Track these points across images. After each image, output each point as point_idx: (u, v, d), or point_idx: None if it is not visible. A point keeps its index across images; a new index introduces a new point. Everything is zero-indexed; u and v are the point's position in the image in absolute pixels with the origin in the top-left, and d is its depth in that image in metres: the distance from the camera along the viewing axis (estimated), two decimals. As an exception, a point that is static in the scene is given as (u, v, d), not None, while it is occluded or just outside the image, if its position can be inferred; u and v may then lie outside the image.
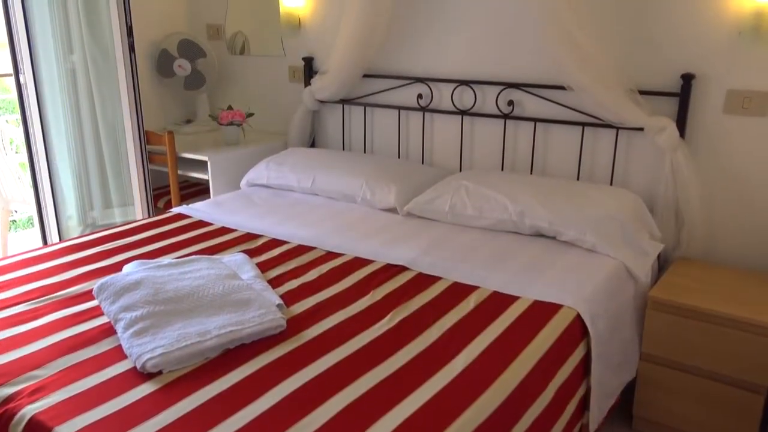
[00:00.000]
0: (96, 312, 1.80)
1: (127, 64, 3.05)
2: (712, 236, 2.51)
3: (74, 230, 3.37)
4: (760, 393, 2.06)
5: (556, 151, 2.82)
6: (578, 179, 2.76)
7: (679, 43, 2.45)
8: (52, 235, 3.35)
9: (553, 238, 2.34)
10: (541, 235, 2.38)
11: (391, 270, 2.12)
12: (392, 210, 2.70)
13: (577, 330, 1.85)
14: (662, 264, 2.55)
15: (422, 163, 3.19)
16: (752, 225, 2.44)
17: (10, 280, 2.03)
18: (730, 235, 2.49)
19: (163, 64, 3.63)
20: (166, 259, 2.11)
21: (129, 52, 3.04)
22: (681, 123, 2.45)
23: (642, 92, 2.49)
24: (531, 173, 2.87)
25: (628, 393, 2.28)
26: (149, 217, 3.00)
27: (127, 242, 2.39)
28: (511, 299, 1.91)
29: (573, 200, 2.39)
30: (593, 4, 2.53)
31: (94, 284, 1.87)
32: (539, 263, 2.16)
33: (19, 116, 3.23)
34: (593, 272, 2.10)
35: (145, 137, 3.19)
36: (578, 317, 1.86)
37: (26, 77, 3.16)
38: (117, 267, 2.12)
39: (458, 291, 1.97)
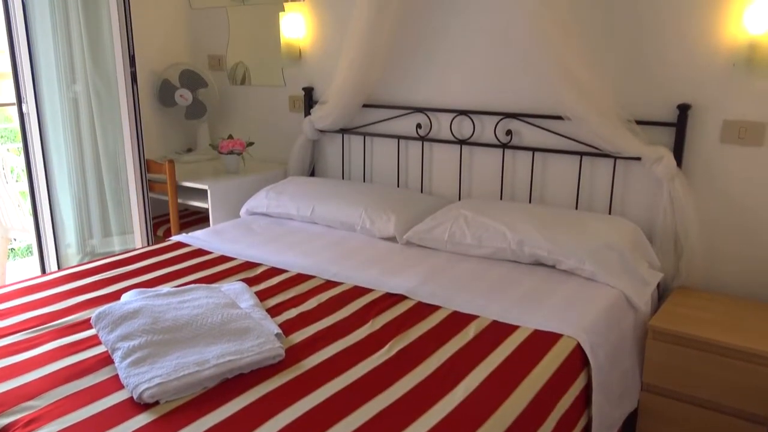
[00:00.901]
0: (93, 341, 1.79)
1: (129, 94, 3.08)
2: (712, 265, 2.51)
3: (73, 258, 3.37)
4: (762, 424, 2.04)
5: (555, 181, 2.83)
6: (577, 208, 2.77)
7: (674, 74, 2.48)
8: (51, 263, 3.34)
9: (553, 266, 2.34)
10: (541, 264, 2.38)
11: (391, 299, 2.11)
12: (391, 239, 2.70)
13: (578, 360, 1.84)
14: (662, 293, 2.54)
15: (421, 192, 3.20)
16: (752, 254, 2.44)
17: (7, 308, 2.02)
18: (730, 263, 2.49)
19: (165, 93, 3.66)
20: (164, 288, 2.11)
21: (131, 82, 3.07)
22: (678, 153, 2.47)
23: (639, 122, 2.51)
24: (530, 202, 2.88)
25: (629, 424, 2.26)
26: (148, 245, 2.99)
27: (126, 270, 2.39)
28: (511, 328, 1.90)
29: (572, 229, 2.40)
30: (589, 35, 2.57)
31: (92, 313, 1.87)
32: (539, 292, 2.16)
33: (20, 145, 3.25)
34: (593, 301, 2.09)
35: (146, 166, 3.21)
36: (578, 347, 1.85)
37: (29, 107, 3.19)
38: (115, 295, 2.11)
39: (458, 320, 1.96)
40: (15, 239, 4.62)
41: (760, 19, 2.24)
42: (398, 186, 3.27)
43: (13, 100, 3.26)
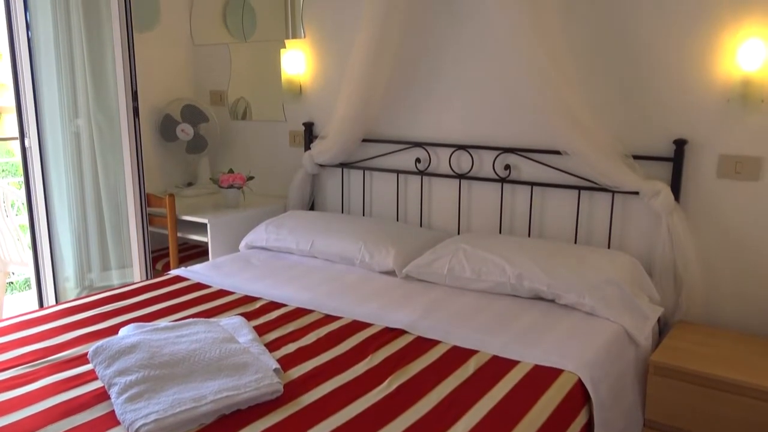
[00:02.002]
0: (90, 376, 1.78)
1: (131, 128, 3.11)
2: (712, 299, 2.51)
3: (71, 292, 3.36)
4: (767, 462, 2.01)
5: (554, 215, 2.84)
6: (576, 242, 2.78)
7: (670, 110, 2.51)
8: (49, 297, 3.33)
9: (552, 301, 2.33)
10: (540, 298, 2.37)
11: (390, 333, 2.10)
12: (391, 273, 2.70)
13: (579, 396, 1.82)
14: (662, 327, 2.53)
15: (421, 225, 3.21)
16: (751, 288, 2.44)
17: (4, 343, 2.01)
18: (730, 297, 2.49)
19: (167, 128, 3.70)
20: (163, 322, 2.09)
21: (133, 117, 3.10)
22: (675, 187, 2.49)
23: (636, 157, 2.53)
24: (528, 236, 2.89)
25: (632, 462, 2.22)
26: (147, 279, 2.99)
27: (124, 305, 2.38)
28: (512, 363, 1.89)
29: (571, 263, 2.40)
30: (586, 71, 2.61)
31: (89, 347, 1.85)
32: (539, 327, 2.15)
33: (21, 178, 3.27)
34: (593, 336, 2.08)
35: (146, 199, 3.22)
36: (579, 382, 1.83)
37: (31, 141, 3.22)
38: (113, 330, 2.10)
39: (457, 355, 1.95)
40: (13, 273, 4.61)
41: (752, 56, 2.28)
42: (398, 220, 3.28)
43: (16, 134, 3.29)
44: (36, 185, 3.25)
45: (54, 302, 3.30)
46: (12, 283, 4.79)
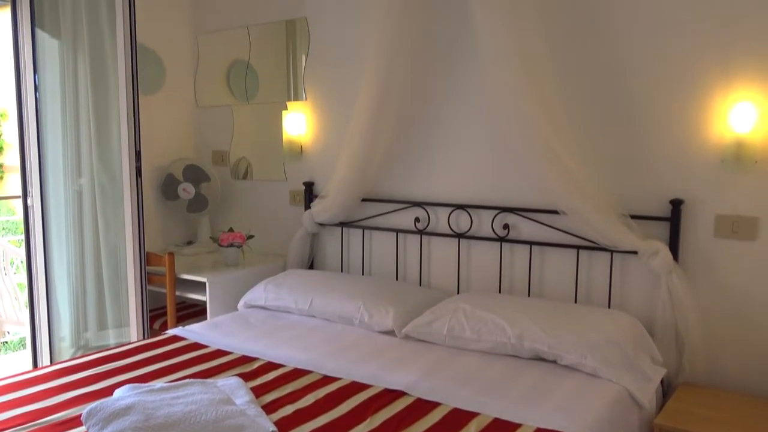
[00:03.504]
0: (83, 439, 1.74)
1: (133, 188, 3.15)
2: (715, 359, 2.48)
3: (66, 352, 3.32)
4: None
5: (553, 274, 2.84)
6: (576, 302, 2.77)
7: (666, 170, 2.55)
8: (44, 357, 3.29)
9: (554, 362, 2.31)
10: (541, 359, 2.34)
11: (389, 395, 2.07)
12: (390, 332, 2.68)
13: (583, 460, 1.78)
14: (666, 389, 2.49)
15: (420, 285, 3.20)
16: (753, 349, 2.42)
17: (-4, 404, 1.98)
18: (733, 358, 2.46)
19: (168, 187, 3.74)
20: (158, 383, 2.06)
21: (136, 177, 3.14)
22: (674, 247, 2.50)
23: (633, 216, 2.56)
24: (528, 296, 2.88)
25: None
26: (144, 338, 2.96)
27: (120, 365, 2.35)
28: (513, 426, 1.85)
29: (572, 323, 2.38)
30: (582, 132, 2.66)
31: (84, 409, 1.82)
32: (540, 388, 2.11)
33: (21, 236, 3.29)
34: (596, 398, 2.04)
35: (146, 258, 3.22)
36: (583, 446, 1.79)
37: (33, 200, 3.25)
38: (108, 391, 2.06)
39: (458, 418, 1.91)
40: (9, 332, 4.56)
41: (744, 119, 2.34)
42: (397, 279, 3.27)
43: (18, 192, 3.33)
44: (36, 244, 3.26)
45: (49, 362, 3.26)
46: (6, 342, 4.73)
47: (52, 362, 3.22)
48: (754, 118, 2.33)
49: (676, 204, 2.50)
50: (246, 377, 2.21)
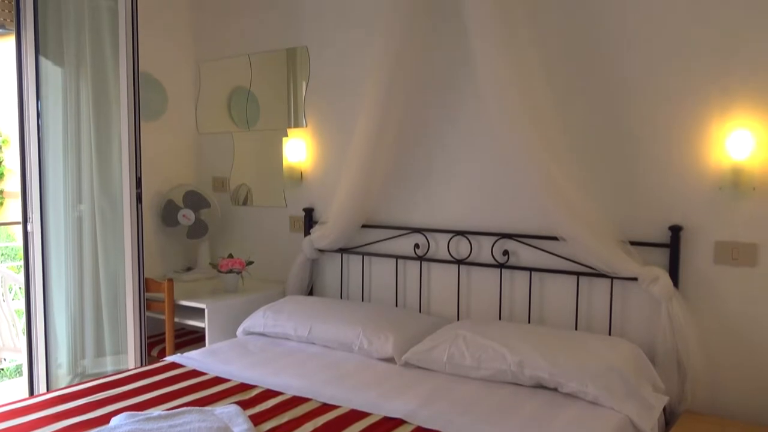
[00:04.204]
0: (78, 469, 1.72)
1: (133, 214, 3.15)
2: (717, 387, 2.46)
3: (63, 379, 3.29)
4: None
5: (553, 300, 2.83)
6: (576, 328, 2.75)
7: (664, 196, 2.56)
8: (40, 384, 3.26)
9: (554, 389, 2.29)
10: (542, 387, 2.32)
11: (389, 423, 2.05)
12: (390, 359, 2.66)
13: (585, 490, 1.75)
14: (668, 418, 2.46)
15: (420, 311, 3.19)
16: (755, 376, 2.40)
17: (-9, 433, 1.95)
18: (735, 385, 2.44)
19: (168, 213, 3.75)
20: (156, 411, 2.04)
21: (136, 203, 3.15)
22: (674, 273, 2.50)
23: (632, 243, 2.56)
24: (528, 322, 2.86)
25: None
26: (142, 366, 2.94)
27: (117, 392, 2.32)
28: (514, 456, 1.83)
29: (572, 350, 2.37)
30: (581, 159, 2.67)
31: (79, 438, 1.80)
32: (541, 417, 2.09)
33: (20, 263, 3.28)
34: (597, 427, 2.02)
35: (145, 285, 3.21)
36: (585, 476, 1.77)
37: (33, 226, 3.25)
38: (105, 419, 2.04)
39: (458, 447, 1.89)
40: (5, 359, 4.53)
41: (741, 146, 2.36)
42: (396, 305, 3.26)
43: (18, 218, 3.33)
44: (35, 270, 3.25)
45: (45, 390, 3.23)
46: (3, 369, 4.69)
47: (48, 390, 3.19)
48: (751, 145, 2.35)
49: (676, 230, 2.50)
50: (244, 405, 2.19)
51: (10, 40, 3.39)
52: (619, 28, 2.62)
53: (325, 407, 2.19)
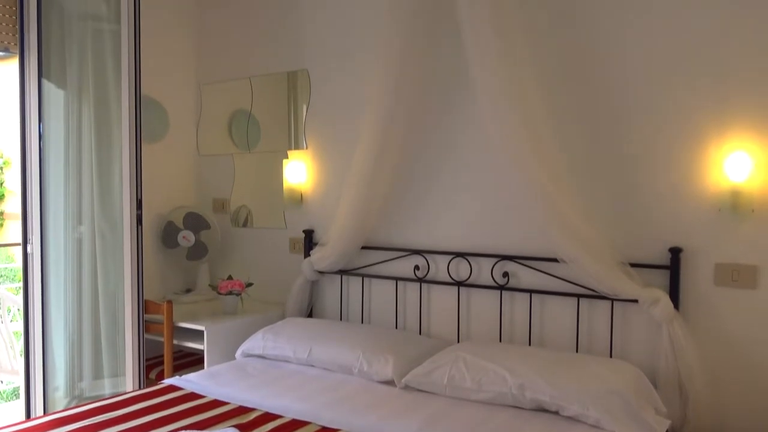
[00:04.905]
0: (74, 493, 1.70)
1: (133, 236, 3.15)
2: (719, 410, 2.44)
3: (60, 402, 3.26)
4: None
5: (554, 322, 2.82)
6: (577, 350, 2.74)
7: (664, 218, 2.56)
8: (37, 407, 3.23)
9: (556, 413, 2.27)
10: (543, 410, 2.30)
11: (389, 447, 2.03)
12: (389, 382, 2.64)
13: None
14: (671, 442, 2.44)
15: (420, 333, 3.17)
16: (759, 398, 2.39)
17: (-13, 457, 1.93)
18: (737, 408, 2.42)
19: (168, 235, 3.75)
20: (153, 435, 2.03)
21: (136, 224, 3.15)
22: (674, 295, 2.49)
23: (632, 264, 2.56)
24: (529, 344, 2.85)
25: None
26: (140, 388, 2.91)
27: (114, 416, 2.30)
28: (515, 480, 1.81)
29: (573, 373, 2.35)
30: (580, 181, 2.68)
31: (76, 462, 1.78)
32: (543, 440, 2.07)
33: (19, 284, 3.27)
34: (600, 451, 2.00)
35: (144, 306, 3.20)
36: (587, 501, 1.75)
37: (33, 247, 3.25)
38: (102, 443, 2.02)
39: (459, 471, 1.87)
40: (2, 382, 4.50)
41: (739, 168, 2.37)
42: (396, 327, 3.25)
43: (18, 239, 3.33)
44: (34, 291, 3.24)
45: (42, 413, 3.20)
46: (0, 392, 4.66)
47: (45, 413, 3.16)
48: (749, 167, 2.36)
49: (675, 252, 2.50)
50: (243, 428, 2.17)
51: (14, 63, 3.42)
52: (618, 53, 2.64)
53: (325, 431, 2.17)
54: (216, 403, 2.44)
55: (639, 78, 2.60)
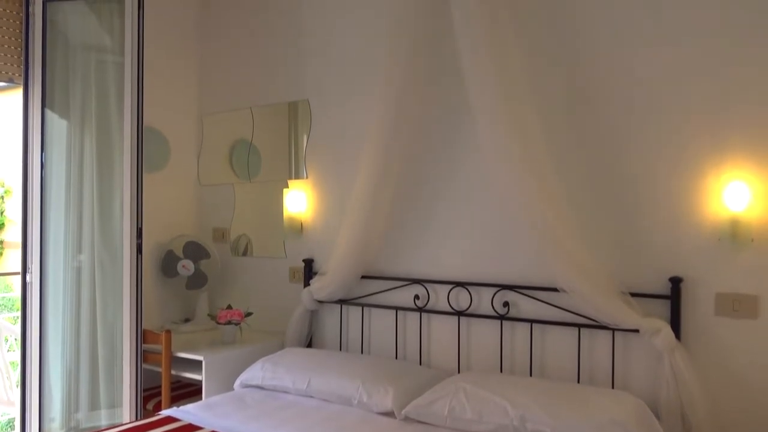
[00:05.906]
0: None
1: (133, 265, 3.15)
2: (723, 442, 2.41)
3: (55, 434, 3.22)
4: None
5: (554, 353, 2.81)
6: (578, 381, 2.72)
7: (663, 248, 2.57)
8: (32, 439, 3.19)
9: (558, 445, 2.24)
10: (545, 442, 2.28)
11: (389, 480, 2.00)
12: (389, 413, 2.61)
13: None
14: (675, 474, 2.41)
15: (420, 363, 3.15)
16: (761, 429, 2.36)
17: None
18: (742, 441, 2.40)
19: (168, 264, 3.74)
20: (150, 467, 2.00)
21: (136, 254, 3.15)
22: (675, 325, 2.48)
23: (633, 294, 2.55)
24: (530, 374, 2.83)
25: None
26: (137, 419, 2.88)
27: (111, 448, 2.28)
28: None
29: (575, 404, 2.33)
30: (580, 211, 2.68)
31: (72, 495, 1.75)
32: (545, 473, 2.04)
33: (16, 313, 3.26)
34: (603, 484, 1.97)
35: (142, 336, 3.18)
36: None
37: (32, 276, 3.24)
38: (97, 475, 1.99)
39: (460, 505, 1.84)
40: (-3, 413, 4.44)
41: (737, 198, 2.38)
42: (396, 358, 3.23)
43: (17, 269, 3.33)
44: (32, 321, 3.23)
45: (37, 445, 3.16)
46: (-6, 423, 4.60)
47: (40, 445, 3.13)
48: (747, 197, 2.37)
49: (676, 282, 2.50)
50: (241, 461, 2.14)
51: (17, 93, 3.45)
52: (618, 84, 2.67)
53: (324, 463, 2.14)
54: (214, 435, 2.42)
55: (638, 108, 2.63)
